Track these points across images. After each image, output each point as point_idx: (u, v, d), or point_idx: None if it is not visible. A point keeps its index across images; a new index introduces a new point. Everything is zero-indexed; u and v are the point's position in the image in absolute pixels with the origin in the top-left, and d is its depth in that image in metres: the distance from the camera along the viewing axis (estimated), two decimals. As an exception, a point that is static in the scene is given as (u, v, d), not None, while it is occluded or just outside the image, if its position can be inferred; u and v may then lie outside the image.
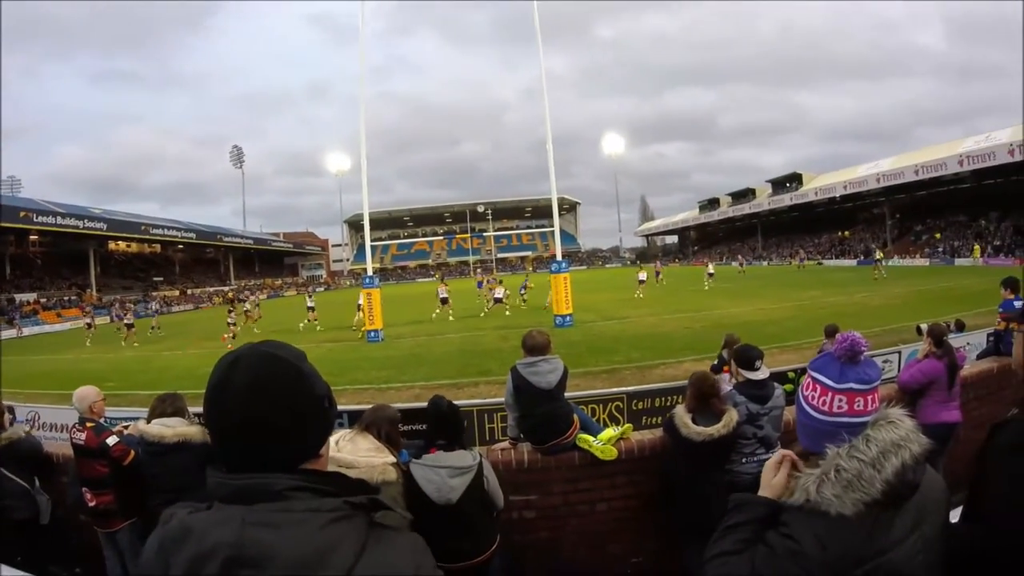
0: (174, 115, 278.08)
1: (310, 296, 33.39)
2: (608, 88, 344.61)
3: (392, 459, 3.11)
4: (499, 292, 30.98)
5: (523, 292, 34.35)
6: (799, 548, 1.42)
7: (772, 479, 1.68)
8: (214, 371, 1.16)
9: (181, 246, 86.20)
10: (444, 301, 29.72)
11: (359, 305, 25.40)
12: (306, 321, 29.80)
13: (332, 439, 3.10)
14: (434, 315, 29.49)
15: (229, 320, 27.75)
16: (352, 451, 3.06)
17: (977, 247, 50.06)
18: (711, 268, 42.18)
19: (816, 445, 1.57)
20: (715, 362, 7.51)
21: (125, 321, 32.21)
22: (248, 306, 32.98)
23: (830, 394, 1.59)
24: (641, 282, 36.36)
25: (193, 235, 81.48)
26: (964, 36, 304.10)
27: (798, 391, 1.73)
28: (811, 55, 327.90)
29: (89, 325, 34.41)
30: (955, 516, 2.11)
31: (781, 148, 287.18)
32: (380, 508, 1.17)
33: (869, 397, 1.57)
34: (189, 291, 78.32)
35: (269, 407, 1.12)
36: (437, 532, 3.44)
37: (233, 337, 25.81)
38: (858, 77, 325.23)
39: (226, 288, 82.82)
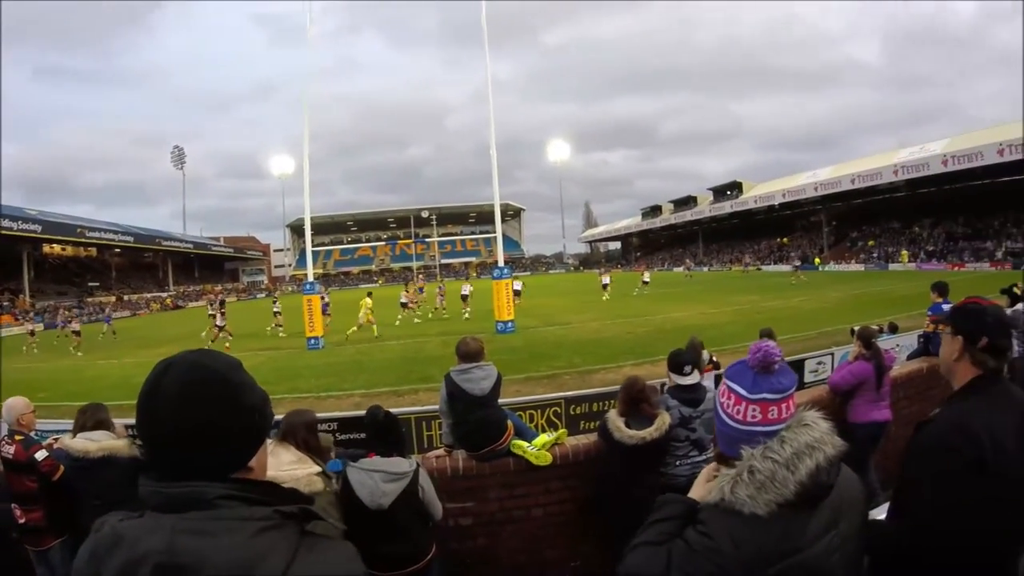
0: (114, 113, 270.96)
1: (275, 302, 32.27)
2: (554, 94, 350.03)
3: (316, 469, 3.06)
4: (404, 297, 30.66)
5: (437, 297, 34.27)
6: (714, 545, 1.44)
7: (704, 483, 1.71)
8: (146, 379, 1.14)
9: (118, 250, 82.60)
10: (404, 306, 29.90)
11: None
12: (272, 326, 29.10)
13: None
14: (397, 321, 29.16)
15: (218, 323, 26.32)
16: (275, 465, 2.99)
17: (905, 252, 53.04)
18: (646, 276, 42.48)
19: (732, 450, 1.58)
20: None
21: (72, 328, 31.01)
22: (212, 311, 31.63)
23: (744, 403, 1.60)
24: (605, 286, 37.12)
25: (131, 239, 78.25)
26: (899, 50, 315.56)
27: (715, 397, 1.74)
28: (751, 65, 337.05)
29: (32, 332, 33.19)
30: (884, 512, 2.18)
31: (721, 156, 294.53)
32: (312, 518, 1.17)
33: (783, 405, 1.58)
34: (126, 297, 75.19)
35: (198, 416, 1.10)
36: (370, 537, 3.46)
37: (227, 337, 25.28)
38: (796, 88, 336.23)
39: (164, 294, 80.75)
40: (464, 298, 30.43)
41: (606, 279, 39.85)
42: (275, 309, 29.98)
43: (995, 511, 1.86)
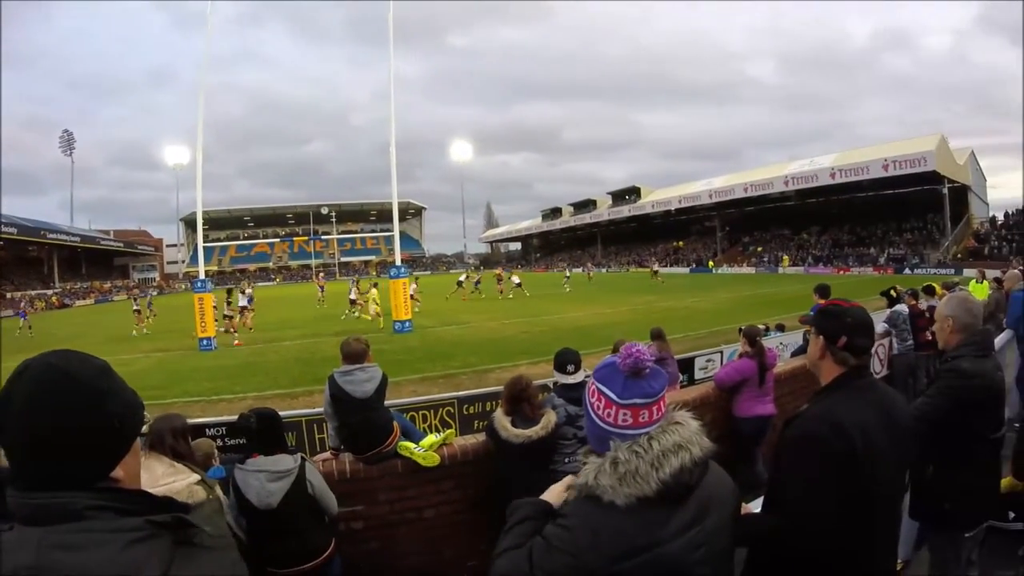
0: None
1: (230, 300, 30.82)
2: (458, 95, 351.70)
3: (195, 477, 3.00)
4: (353, 294, 30.48)
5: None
6: (571, 537, 1.47)
7: (561, 489, 1.74)
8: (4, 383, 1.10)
9: (0, 243, 77.72)
10: (353, 303, 29.81)
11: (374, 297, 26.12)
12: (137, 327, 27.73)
13: None
14: (343, 316, 29.29)
15: (227, 312, 25.26)
16: (150, 482, 2.91)
17: (786, 257, 56.68)
18: (516, 279, 41.47)
19: (602, 447, 1.59)
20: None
21: None
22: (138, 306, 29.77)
23: (615, 408, 1.59)
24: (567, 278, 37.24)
25: (15, 230, 71.42)
26: (794, 70, 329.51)
27: (584, 395, 1.73)
28: (653, 77, 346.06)
29: None
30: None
31: (622, 162, 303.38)
32: (186, 527, 1.13)
33: (654, 408, 1.58)
34: (8, 295, 70.00)
35: (51, 423, 1.05)
36: (263, 536, 3.48)
37: (235, 331, 24.21)
38: (696, 101, 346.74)
39: (49, 292, 76.07)
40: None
41: (462, 278, 40.36)
42: (135, 307, 28.78)
43: (863, 500, 1.97)
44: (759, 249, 63.63)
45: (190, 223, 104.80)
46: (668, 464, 1.50)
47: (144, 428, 1.27)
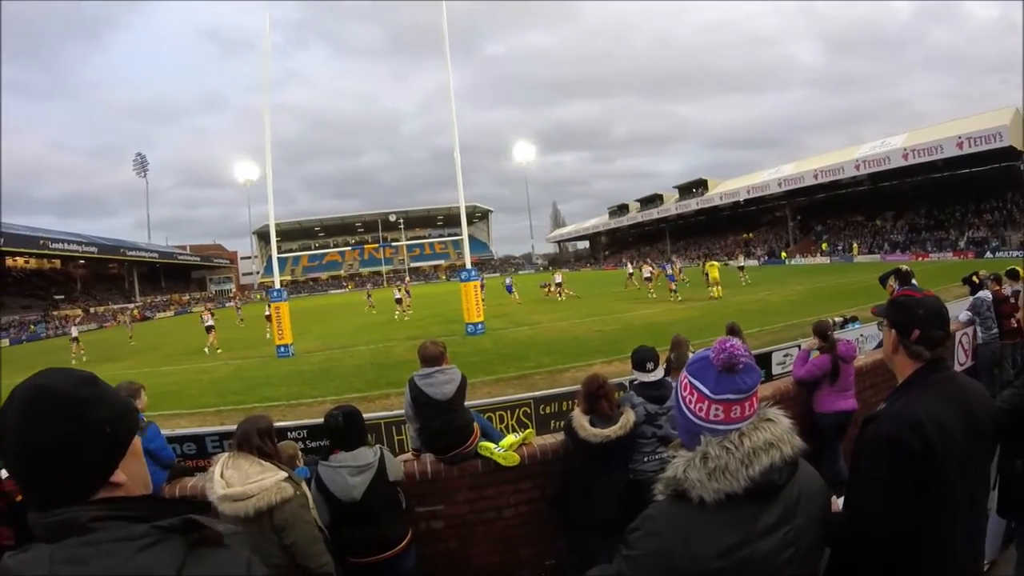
0: (70, 126, 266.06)
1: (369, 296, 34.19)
2: (498, 101, 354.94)
3: (283, 475, 3.06)
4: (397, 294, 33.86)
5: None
6: (661, 542, 1.46)
7: None
8: None
9: (83, 261, 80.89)
10: (399, 302, 33.37)
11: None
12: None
13: (215, 469, 3.04)
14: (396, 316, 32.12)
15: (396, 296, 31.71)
16: (240, 480, 2.98)
17: (856, 244, 54.76)
18: (558, 277, 39.16)
19: (693, 442, 1.59)
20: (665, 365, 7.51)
21: (72, 335, 32.20)
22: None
23: (707, 402, 1.58)
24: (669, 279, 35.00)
25: (95, 249, 76.16)
26: (836, 50, 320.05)
27: (676, 387, 1.72)
28: (690, 68, 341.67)
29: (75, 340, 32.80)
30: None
31: (676, 155, 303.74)
32: (195, 527, 1.13)
33: (747, 403, 1.57)
34: (92, 309, 73.70)
35: (40, 439, 1.08)
36: (346, 527, 3.58)
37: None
38: (740, 88, 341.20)
39: (130, 305, 79.20)
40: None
41: (558, 278, 38.62)
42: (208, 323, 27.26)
43: (943, 499, 1.89)
44: (823, 246, 61.08)
45: (262, 235, 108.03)
46: (758, 462, 1.49)
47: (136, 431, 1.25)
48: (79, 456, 1.11)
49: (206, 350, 25.38)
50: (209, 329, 26.48)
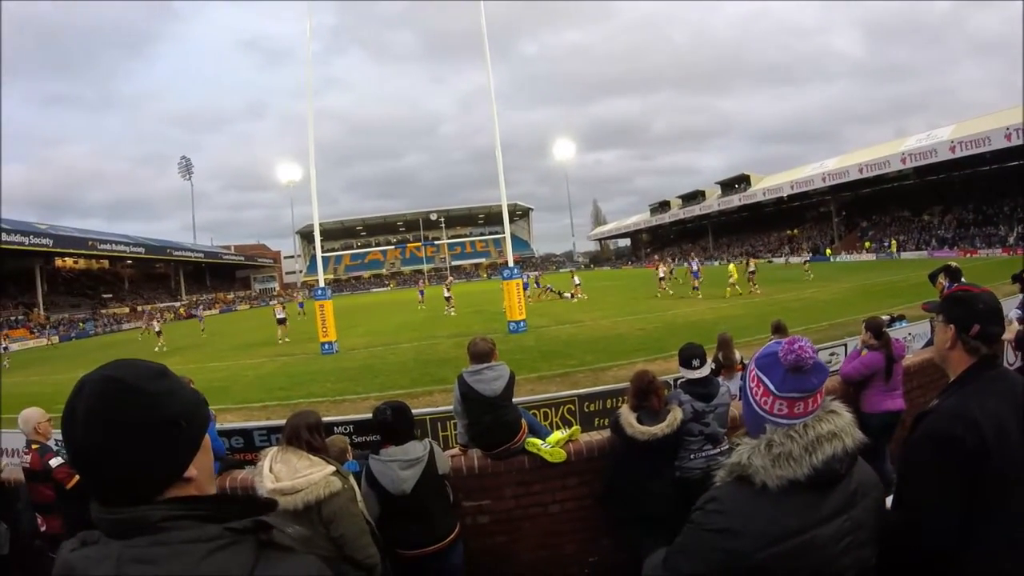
0: (118, 134, 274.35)
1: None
2: (536, 100, 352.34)
3: (331, 469, 3.10)
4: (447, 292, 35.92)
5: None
6: (724, 521, 1.50)
7: None
8: (66, 401, 1.10)
9: (130, 261, 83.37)
10: (448, 300, 34.89)
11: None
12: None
13: (264, 464, 3.09)
14: (445, 312, 33.48)
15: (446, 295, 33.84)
16: (289, 474, 3.02)
17: (895, 241, 53.72)
18: (577, 279, 38.94)
19: (757, 431, 1.63)
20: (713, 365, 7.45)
21: (156, 329, 35.28)
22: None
23: (771, 398, 1.62)
24: (694, 275, 33.50)
25: (142, 250, 78.65)
26: (877, 40, 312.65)
27: (745, 378, 1.76)
28: (729, 61, 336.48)
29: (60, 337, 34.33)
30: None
31: (716, 151, 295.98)
32: (266, 529, 1.11)
33: (811, 400, 1.59)
34: (139, 308, 75.33)
35: (113, 431, 1.05)
36: (396, 520, 3.64)
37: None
38: (778, 82, 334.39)
39: (176, 304, 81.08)
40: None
41: (576, 279, 38.71)
42: (280, 316, 29.51)
43: (999, 498, 1.85)
44: (867, 245, 59.50)
45: (306, 235, 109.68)
46: (821, 451, 1.52)
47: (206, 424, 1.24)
48: (153, 452, 1.09)
49: (281, 341, 27.62)
50: (281, 321, 28.71)
